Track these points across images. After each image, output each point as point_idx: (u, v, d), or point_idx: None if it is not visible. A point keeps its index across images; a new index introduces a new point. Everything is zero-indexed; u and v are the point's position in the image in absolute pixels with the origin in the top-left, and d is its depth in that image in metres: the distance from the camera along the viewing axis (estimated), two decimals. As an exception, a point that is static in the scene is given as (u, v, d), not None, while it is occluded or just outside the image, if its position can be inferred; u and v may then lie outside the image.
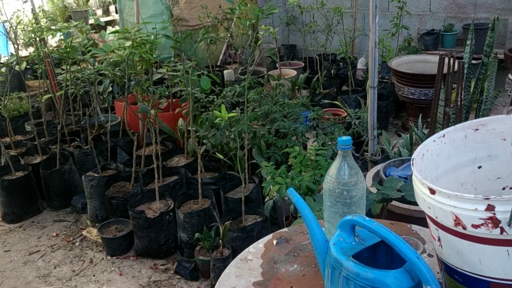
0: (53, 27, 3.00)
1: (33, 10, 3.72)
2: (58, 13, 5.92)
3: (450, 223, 0.85)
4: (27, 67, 3.96)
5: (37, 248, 2.88)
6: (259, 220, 2.49)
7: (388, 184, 1.93)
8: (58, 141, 3.25)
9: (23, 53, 4.97)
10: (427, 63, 4.04)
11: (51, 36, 3.73)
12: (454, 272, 0.91)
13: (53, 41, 5.29)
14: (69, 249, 2.85)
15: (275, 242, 1.35)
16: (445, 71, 2.24)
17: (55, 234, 3.01)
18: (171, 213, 2.62)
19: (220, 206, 2.73)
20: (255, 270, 1.23)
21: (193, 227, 2.51)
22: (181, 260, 2.56)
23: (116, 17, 6.31)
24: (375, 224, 0.88)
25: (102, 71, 2.94)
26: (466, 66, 2.25)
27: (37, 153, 3.47)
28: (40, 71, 3.40)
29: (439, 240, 0.92)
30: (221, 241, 2.34)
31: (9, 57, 3.45)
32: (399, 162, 2.37)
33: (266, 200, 2.21)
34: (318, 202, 1.92)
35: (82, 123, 3.77)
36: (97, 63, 2.99)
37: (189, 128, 2.79)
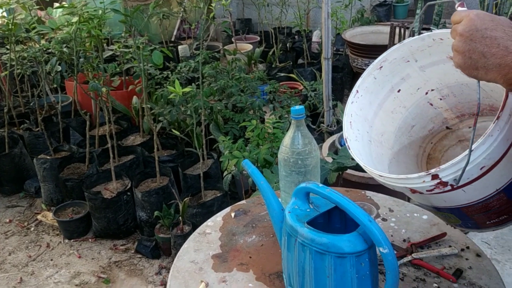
0: (-8, 3, 2.82)
1: (-31, -15, 3.47)
2: (-2, -11, 5.56)
3: (407, 192, 0.91)
4: (-33, 47, 3.72)
5: (-11, 235, 2.78)
6: (218, 195, 2.49)
7: (343, 153, 1.97)
8: (5, 124, 3.10)
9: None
10: (380, 34, 4.10)
11: (-9, 13, 3.51)
12: (430, 207, 0.99)
13: (-6, 19, 4.98)
14: (24, 235, 2.76)
15: (233, 214, 1.35)
16: (396, 40, 2.27)
17: (8, 220, 2.90)
18: (128, 193, 2.57)
19: (179, 183, 2.71)
20: (213, 243, 1.23)
21: (152, 205, 2.48)
22: (142, 239, 2.54)
23: (62, -8, 6.00)
24: (328, 190, 0.89)
25: (49, 49, 2.80)
26: (416, 35, 2.29)
27: (-17, 138, 3.30)
28: (-20, 51, 3.21)
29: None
30: (181, 218, 2.33)
31: None
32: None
33: (224, 174, 2.21)
34: (275, 173, 1.94)
35: (31, 104, 3.60)
36: (45, 41, 2.85)
37: (144, 105, 2.73)
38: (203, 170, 2.50)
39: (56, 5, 5.81)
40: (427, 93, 1.09)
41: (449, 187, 0.84)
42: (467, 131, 1.13)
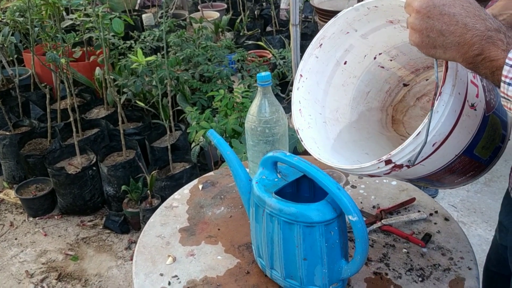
0: None
1: None
2: None
3: (368, 175, 0.91)
4: None
5: None
6: (187, 167, 2.45)
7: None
8: (-42, 100, 2.93)
9: None
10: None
11: None
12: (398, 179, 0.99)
13: None
14: (-15, 214, 2.66)
15: (201, 186, 1.31)
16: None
17: (-33, 200, 2.79)
18: (94, 168, 2.49)
19: (146, 156, 2.64)
20: (181, 216, 1.20)
21: (119, 179, 2.42)
22: (110, 214, 2.48)
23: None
24: (296, 159, 0.86)
25: (3, 19, 2.63)
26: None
27: None
28: None
29: None
30: (149, 191, 2.28)
31: None
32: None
33: (192, 146, 2.16)
34: (244, 144, 1.91)
35: (-14, 78, 3.42)
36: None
37: (106, 77, 2.62)
38: (170, 142, 2.44)
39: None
40: (375, 58, 1.06)
41: (405, 168, 0.83)
42: (424, 84, 1.12)
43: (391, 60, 1.06)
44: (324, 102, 1.09)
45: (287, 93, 2.72)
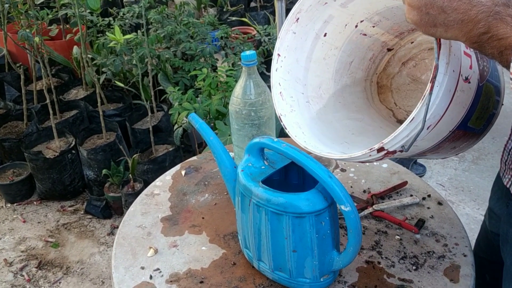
0: None
1: None
2: None
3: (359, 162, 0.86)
4: None
5: None
6: (170, 149, 2.37)
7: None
8: None
9: None
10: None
11: None
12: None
13: None
14: (-40, 201, 2.56)
15: (183, 172, 1.25)
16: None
17: None
18: (73, 151, 2.41)
19: (127, 138, 2.56)
20: (162, 204, 1.13)
21: (100, 163, 2.34)
22: (91, 199, 2.41)
23: None
24: (284, 145, 0.80)
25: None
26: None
27: None
28: None
29: None
30: (131, 175, 2.21)
31: None
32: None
33: (175, 128, 2.08)
34: (229, 126, 1.84)
35: (-43, 58, 3.26)
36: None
37: (84, 56, 2.50)
38: (152, 123, 2.36)
39: None
40: (357, 26, 1.00)
41: (398, 153, 0.79)
42: (409, 47, 1.07)
43: (373, 26, 1.00)
44: (305, 80, 1.02)
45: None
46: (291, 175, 0.92)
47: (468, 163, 2.57)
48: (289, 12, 0.95)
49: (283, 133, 1.57)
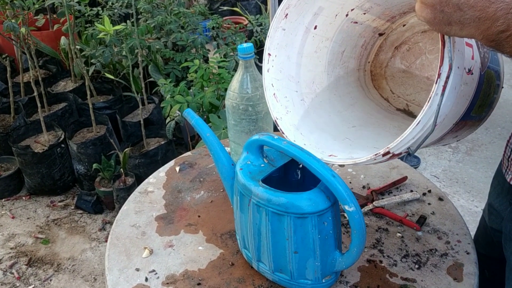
0: None
1: None
2: None
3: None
4: None
5: None
6: (162, 142, 2.33)
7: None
8: None
9: None
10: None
11: None
12: None
13: None
14: None
15: (178, 169, 1.22)
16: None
17: None
18: (62, 145, 2.35)
19: (118, 132, 2.50)
20: (157, 202, 1.10)
21: (90, 157, 2.29)
22: (81, 194, 2.36)
23: None
24: (285, 142, 0.77)
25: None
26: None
27: None
28: None
29: None
30: (122, 169, 2.16)
31: None
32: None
33: (167, 121, 2.04)
34: (223, 118, 1.80)
35: None
36: None
37: (72, 47, 2.44)
38: (143, 116, 2.31)
39: None
40: (347, 15, 0.97)
41: (404, 154, 0.77)
42: (402, 31, 1.04)
43: (364, 13, 0.97)
44: (298, 76, 0.99)
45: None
46: (291, 171, 0.89)
47: (462, 154, 2.57)
48: (282, 1, 0.91)
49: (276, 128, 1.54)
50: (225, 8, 3.82)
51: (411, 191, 1.09)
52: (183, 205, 1.09)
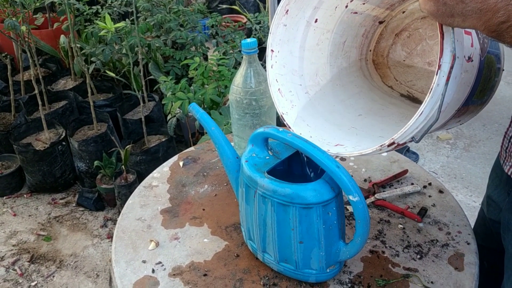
0: None
1: None
2: None
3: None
4: None
5: None
6: (163, 140, 2.34)
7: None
8: None
9: None
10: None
11: None
12: None
13: None
14: None
15: (181, 163, 1.23)
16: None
17: None
18: (63, 143, 2.36)
19: (119, 129, 2.52)
20: (161, 196, 1.11)
21: (91, 155, 2.30)
22: (83, 191, 2.37)
23: None
24: (290, 134, 0.79)
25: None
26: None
27: None
28: None
29: None
30: (123, 166, 2.17)
31: None
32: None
33: (168, 118, 2.05)
34: (224, 115, 1.82)
35: None
36: None
37: (72, 45, 2.45)
38: (144, 114, 2.33)
39: None
40: (347, 6, 0.98)
41: (408, 143, 0.78)
42: (401, 18, 1.06)
43: (363, 3, 0.99)
44: (301, 70, 1.01)
45: (264, 60, 2.61)
46: (295, 164, 0.90)
47: (460, 151, 2.59)
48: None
49: (280, 122, 1.56)
50: (224, 6, 3.83)
51: (412, 184, 1.11)
52: (187, 198, 1.10)
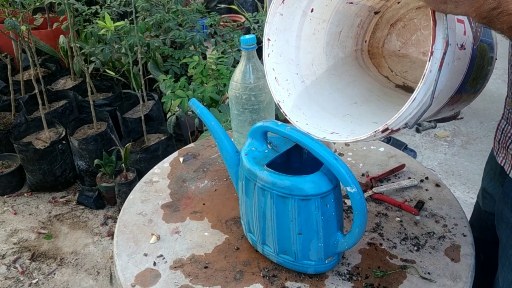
0: None
1: None
2: None
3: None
4: None
5: None
6: (163, 138, 2.36)
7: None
8: None
9: None
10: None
11: None
12: None
13: None
14: (-51, 194, 2.51)
15: (181, 159, 1.25)
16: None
17: None
18: (63, 142, 2.37)
19: (118, 128, 2.53)
20: (162, 191, 1.13)
21: (91, 153, 2.31)
22: (83, 189, 2.38)
23: None
24: (289, 128, 0.81)
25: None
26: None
27: None
28: None
29: None
30: (123, 165, 2.19)
31: None
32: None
33: (168, 116, 2.07)
34: (223, 113, 1.83)
35: None
36: None
37: (72, 45, 2.46)
38: (144, 112, 2.34)
39: None
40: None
41: (402, 129, 0.79)
42: (396, 8, 1.07)
43: None
44: (298, 59, 1.02)
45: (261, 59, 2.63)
46: (293, 157, 0.92)
47: (457, 148, 2.61)
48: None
49: (276, 117, 1.58)
50: (222, 6, 3.85)
51: (409, 178, 1.12)
52: (188, 193, 1.12)
